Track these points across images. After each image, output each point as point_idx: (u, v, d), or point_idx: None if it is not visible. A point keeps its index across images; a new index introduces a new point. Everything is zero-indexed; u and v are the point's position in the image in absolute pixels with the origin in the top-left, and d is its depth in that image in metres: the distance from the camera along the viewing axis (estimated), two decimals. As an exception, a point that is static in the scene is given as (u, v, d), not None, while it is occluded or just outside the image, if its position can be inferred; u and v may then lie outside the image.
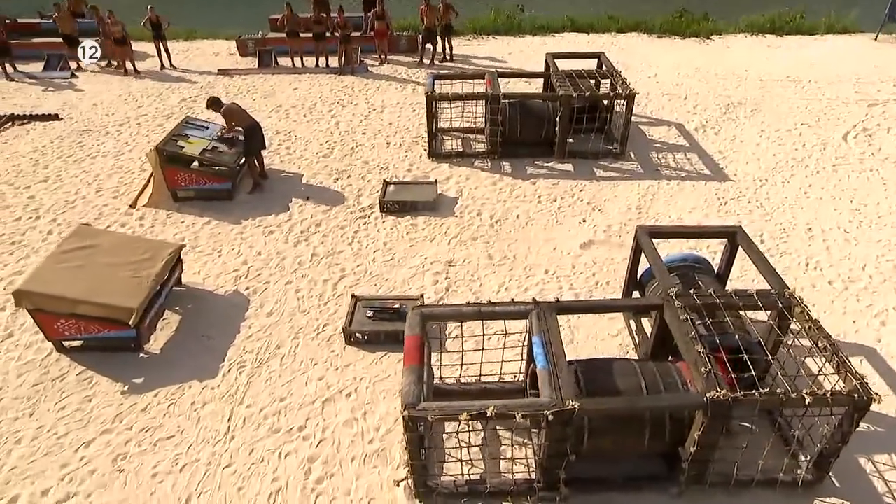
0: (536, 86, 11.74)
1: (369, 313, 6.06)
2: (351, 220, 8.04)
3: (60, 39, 14.05)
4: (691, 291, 4.75)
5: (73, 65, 14.18)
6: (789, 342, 4.88)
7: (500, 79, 9.76)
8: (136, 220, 8.25)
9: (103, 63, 14.27)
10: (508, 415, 3.83)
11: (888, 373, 5.58)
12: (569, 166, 9.25)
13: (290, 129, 10.71)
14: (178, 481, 4.83)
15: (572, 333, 6.06)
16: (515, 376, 5.29)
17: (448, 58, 13.82)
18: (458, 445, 4.33)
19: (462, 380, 5.36)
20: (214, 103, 8.35)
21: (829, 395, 3.83)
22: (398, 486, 4.54)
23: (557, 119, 9.00)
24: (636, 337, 5.96)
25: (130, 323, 5.75)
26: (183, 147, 8.37)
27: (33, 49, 14.63)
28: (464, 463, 4.53)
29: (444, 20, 13.35)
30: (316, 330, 6.21)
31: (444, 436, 4.88)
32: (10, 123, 11.48)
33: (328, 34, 13.28)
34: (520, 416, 3.81)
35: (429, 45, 13.67)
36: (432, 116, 9.15)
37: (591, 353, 5.76)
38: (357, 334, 5.94)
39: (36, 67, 14.18)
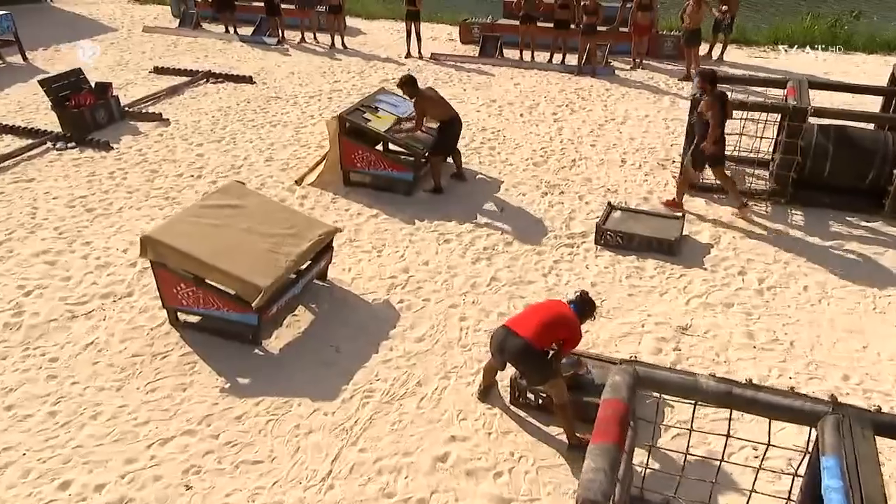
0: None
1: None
2: (553, 247, 7.41)
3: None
4: None
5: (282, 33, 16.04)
6: None
7: (811, 90, 8.43)
8: (297, 198, 8.61)
9: (297, 40, 15.85)
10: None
11: None
12: (908, 233, 7.62)
13: (500, 129, 10.58)
14: (247, 523, 4.48)
15: None
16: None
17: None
18: None
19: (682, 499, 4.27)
20: (409, 83, 8.15)
21: None
22: None
23: (898, 158, 7.48)
24: None
25: (254, 305, 5.72)
26: (369, 120, 8.56)
27: (250, 13, 16.90)
28: None
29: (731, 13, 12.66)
30: (475, 374, 5.62)
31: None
32: (205, 80, 13.20)
33: (573, 25, 13.09)
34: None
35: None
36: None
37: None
38: (528, 395, 5.21)
39: (246, 31, 16.39)
